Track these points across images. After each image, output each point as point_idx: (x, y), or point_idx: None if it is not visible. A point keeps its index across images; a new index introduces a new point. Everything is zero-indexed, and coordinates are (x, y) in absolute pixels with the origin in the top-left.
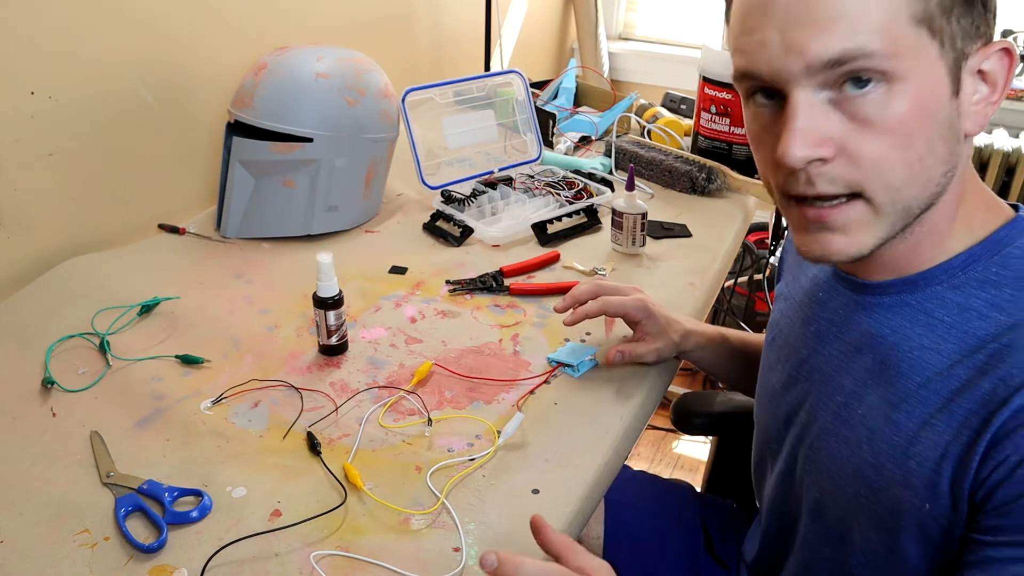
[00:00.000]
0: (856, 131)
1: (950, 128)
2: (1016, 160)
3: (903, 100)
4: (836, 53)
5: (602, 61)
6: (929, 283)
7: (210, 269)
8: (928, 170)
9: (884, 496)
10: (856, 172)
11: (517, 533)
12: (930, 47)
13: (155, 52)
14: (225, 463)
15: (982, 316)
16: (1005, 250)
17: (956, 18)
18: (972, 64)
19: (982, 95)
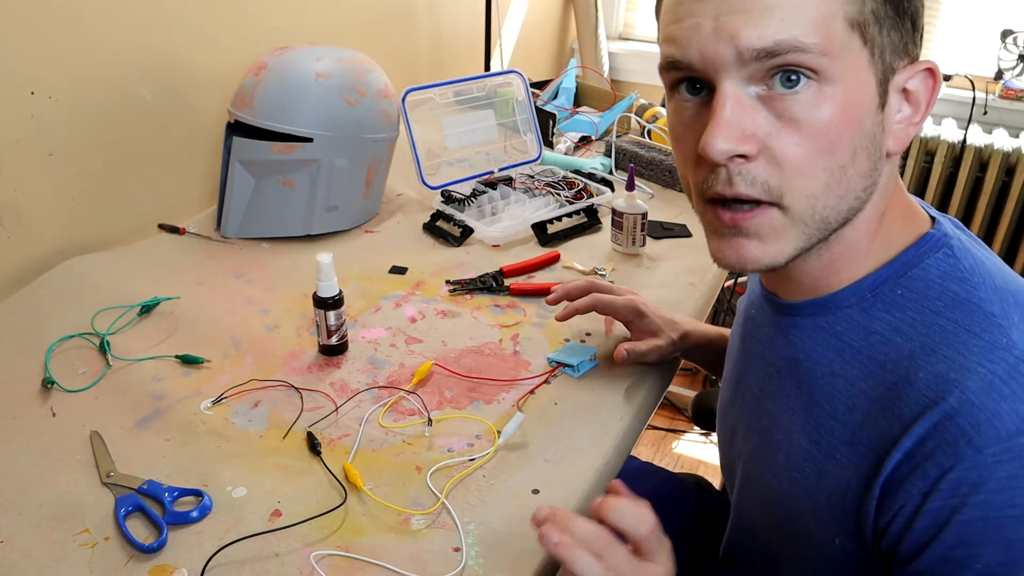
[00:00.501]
0: (781, 131)
1: (873, 141)
2: (1016, 160)
3: (832, 103)
4: (769, 43)
5: (602, 61)
6: (840, 305)
7: (210, 269)
8: (848, 181)
9: (800, 527)
10: (777, 175)
11: (517, 533)
12: (861, 54)
13: (155, 52)
14: (225, 463)
15: (885, 340)
16: (912, 271)
17: (887, 30)
18: (898, 81)
19: (904, 115)
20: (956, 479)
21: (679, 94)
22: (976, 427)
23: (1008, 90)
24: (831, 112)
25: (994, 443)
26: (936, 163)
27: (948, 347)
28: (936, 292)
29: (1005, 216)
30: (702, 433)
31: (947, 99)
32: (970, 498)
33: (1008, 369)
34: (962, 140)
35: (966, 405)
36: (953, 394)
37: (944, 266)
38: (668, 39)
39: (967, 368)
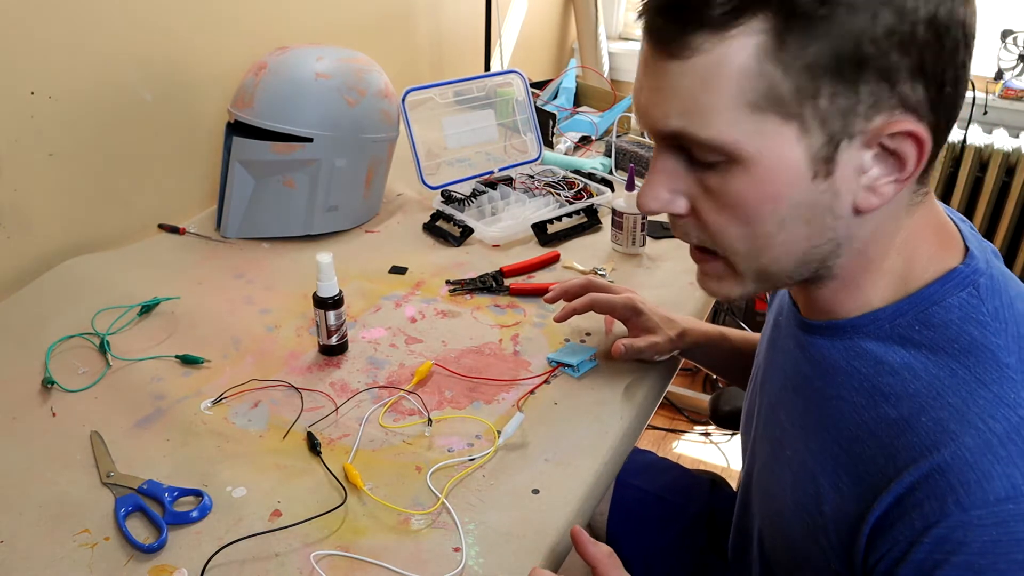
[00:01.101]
0: (703, 197)
1: (813, 208)
2: (1016, 160)
3: (742, 181)
4: (671, 130)
5: (602, 61)
6: (856, 331)
7: (210, 269)
8: (782, 245)
9: (801, 546)
10: (704, 234)
11: (517, 533)
12: (781, 131)
13: (155, 52)
14: (225, 463)
15: (894, 373)
16: (932, 308)
17: (826, 99)
18: (862, 141)
19: (876, 174)
20: (940, 535)
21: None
22: (965, 486)
23: (1008, 90)
24: (741, 190)
25: (981, 506)
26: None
27: (954, 394)
28: (954, 334)
29: (1005, 216)
30: (702, 433)
31: None
32: (952, 556)
33: (1008, 429)
34: (962, 140)
35: (959, 461)
36: (949, 447)
37: (966, 307)
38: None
39: (967, 421)
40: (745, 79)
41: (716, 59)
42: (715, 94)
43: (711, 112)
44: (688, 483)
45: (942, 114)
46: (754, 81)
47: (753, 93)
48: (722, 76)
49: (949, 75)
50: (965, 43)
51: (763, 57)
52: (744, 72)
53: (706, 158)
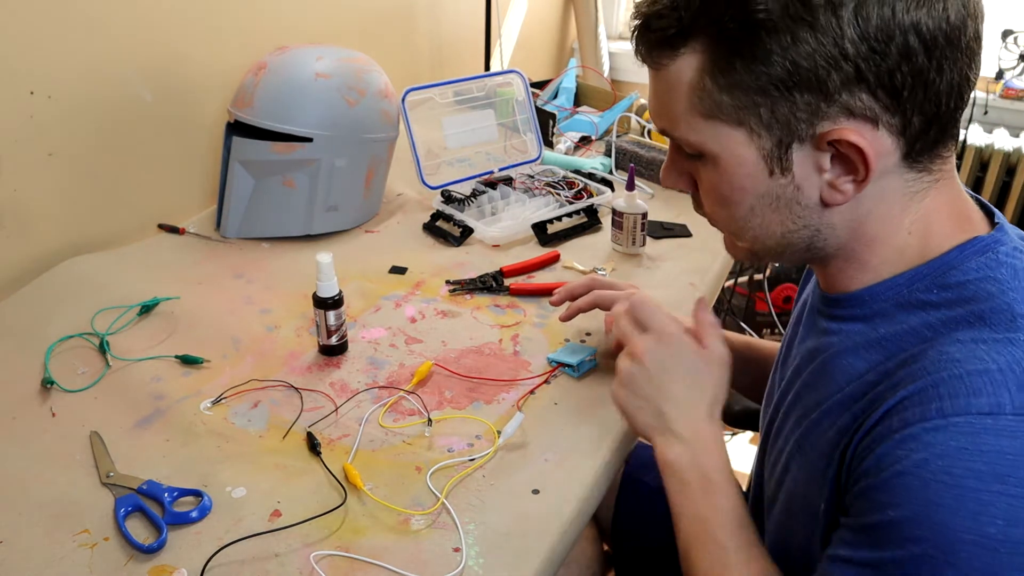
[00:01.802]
0: (698, 180)
1: (778, 199)
2: (1016, 160)
3: (712, 172)
4: (660, 128)
5: (602, 61)
6: (875, 299)
7: (210, 269)
8: (757, 228)
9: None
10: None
11: (517, 533)
12: (733, 134)
13: (155, 52)
14: (225, 463)
15: (912, 331)
16: (950, 272)
17: (767, 109)
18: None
19: (839, 173)
20: (912, 434)
21: None
22: (952, 397)
23: (1008, 90)
24: (713, 179)
25: (961, 414)
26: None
27: (964, 334)
28: (970, 292)
29: (1005, 216)
30: None
31: None
32: (914, 454)
33: (1011, 362)
34: (963, 140)
35: (953, 379)
36: (948, 369)
37: (984, 268)
38: None
39: (974, 355)
40: (693, 92)
41: (674, 73)
42: (676, 103)
43: (676, 117)
44: None
45: (913, 114)
46: (700, 93)
47: (702, 104)
48: (679, 88)
49: (902, 80)
50: (925, 46)
51: (704, 75)
52: (692, 86)
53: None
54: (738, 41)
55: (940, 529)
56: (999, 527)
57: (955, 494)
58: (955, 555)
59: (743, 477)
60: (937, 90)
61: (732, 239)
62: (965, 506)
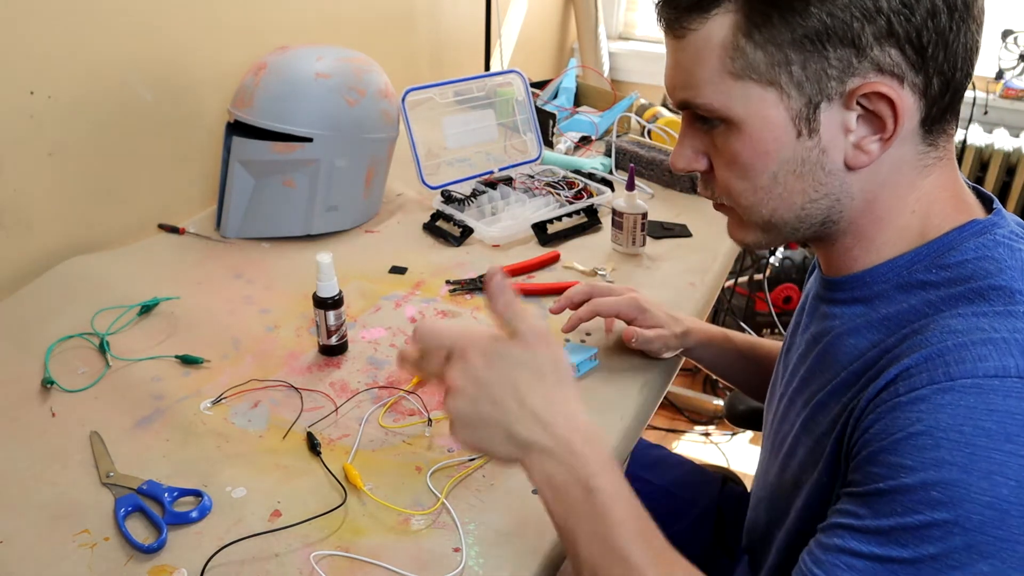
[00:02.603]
0: (715, 155)
1: (804, 164)
2: (1016, 160)
3: (736, 139)
4: (679, 100)
5: (602, 61)
6: (876, 280)
7: (210, 269)
8: (777, 198)
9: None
10: (718, 189)
11: (517, 533)
12: (764, 94)
13: (155, 52)
14: (225, 463)
15: (913, 310)
16: (948, 252)
17: (798, 66)
18: (844, 101)
19: (866, 133)
20: (920, 395)
21: None
22: (959, 362)
23: (1008, 90)
24: (736, 147)
25: (968, 376)
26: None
27: (965, 308)
28: (968, 271)
29: None
30: (702, 433)
31: None
32: (924, 415)
33: (1013, 330)
34: (963, 140)
35: (959, 347)
36: (952, 339)
37: (982, 248)
38: None
39: (976, 326)
40: (725, 52)
41: (703, 36)
42: (704, 66)
43: (703, 83)
44: (698, 479)
45: (933, 75)
46: (732, 54)
47: (733, 64)
48: (708, 50)
49: (928, 38)
50: (948, 8)
51: (737, 33)
52: (724, 46)
53: (709, 120)
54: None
55: (953, 490)
56: (1011, 488)
57: (967, 452)
58: (968, 518)
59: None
60: (955, 52)
61: (740, 220)
62: (978, 465)
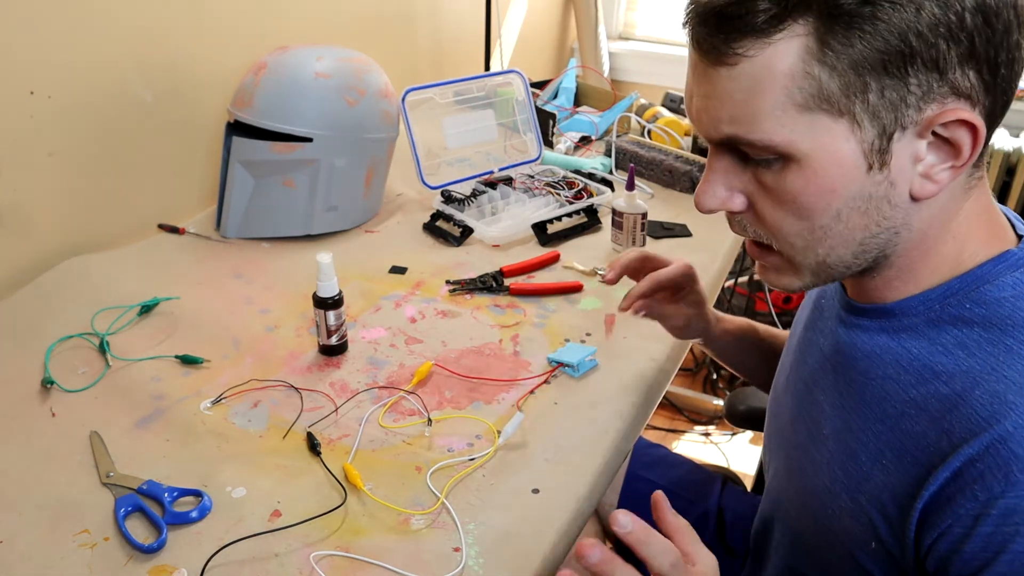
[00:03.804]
0: (759, 193)
1: (869, 200)
2: (1016, 160)
3: (796, 177)
4: (723, 136)
5: (602, 61)
6: (906, 313)
7: (210, 269)
8: (834, 237)
9: (836, 526)
10: (762, 229)
11: (517, 533)
12: (834, 126)
13: (155, 52)
14: (225, 463)
15: (947, 352)
16: (984, 287)
17: (876, 92)
18: (911, 132)
19: (932, 162)
20: (1008, 506)
21: None
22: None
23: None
24: (797, 186)
25: None
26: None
27: (1010, 367)
28: (1007, 310)
29: None
30: (702, 433)
31: None
32: (1022, 526)
33: None
34: None
35: (1020, 431)
36: (1009, 418)
37: (1020, 285)
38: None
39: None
40: (791, 81)
41: (762, 64)
42: (763, 98)
43: (760, 116)
44: (700, 479)
45: (998, 97)
46: (801, 82)
47: (801, 94)
48: (769, 80)
49: (1003, 57)
50: (1019, 23)
51: (808, 59)
52: (790, 75)
53: (760, 157)
54: (853, 16)
55: None
56: None
57: None
58: None
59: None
60: (1018, 69)
61: (786, 263)
62: None
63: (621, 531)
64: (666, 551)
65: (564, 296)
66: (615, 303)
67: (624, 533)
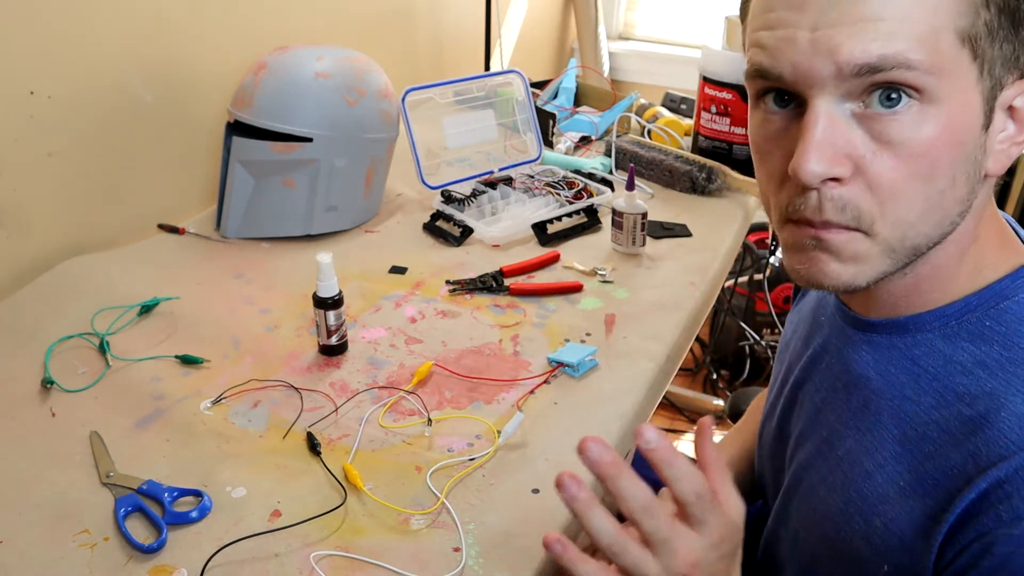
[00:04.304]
0: (878, 152)
1: (974, 164)
2: (1016, 160)
3: (934, 124)
4: (873, 58)
5: (602, 61)
6: (920, 328)
7: (210, 269)
8: (945, 207)
9: (848, 547)
10: (870, 200)
11: (517, 533)
12: (970, 70)
13: (155, 52)
14: (225, 463)
15: (966, 371)
16: (1003, 303)
17: (999, 42)
18: (1005, 97)
19: (1008, 133)
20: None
21: (765, 105)
22: None
23: None
24: (932, 134)
25: None
26: None
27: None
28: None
29: None
30: None
31: None
32: None
33: None
34: None
35: None
36: None
37: None
38: (757, 44)
39: None
40: (954, 4)
41: None
42: (928, 17)
43: (926, 37)
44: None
45: None
46: (962, 7)
47: (961, 19)
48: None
49: None
50: None
51: None
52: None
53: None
54: None
55: None
56: None
57: None
58: None
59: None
60: None
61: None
62: None
63: (645, 446)
64: (692, 477)
65: (564, 296)
66: (615, 303)
67: (648, 449)
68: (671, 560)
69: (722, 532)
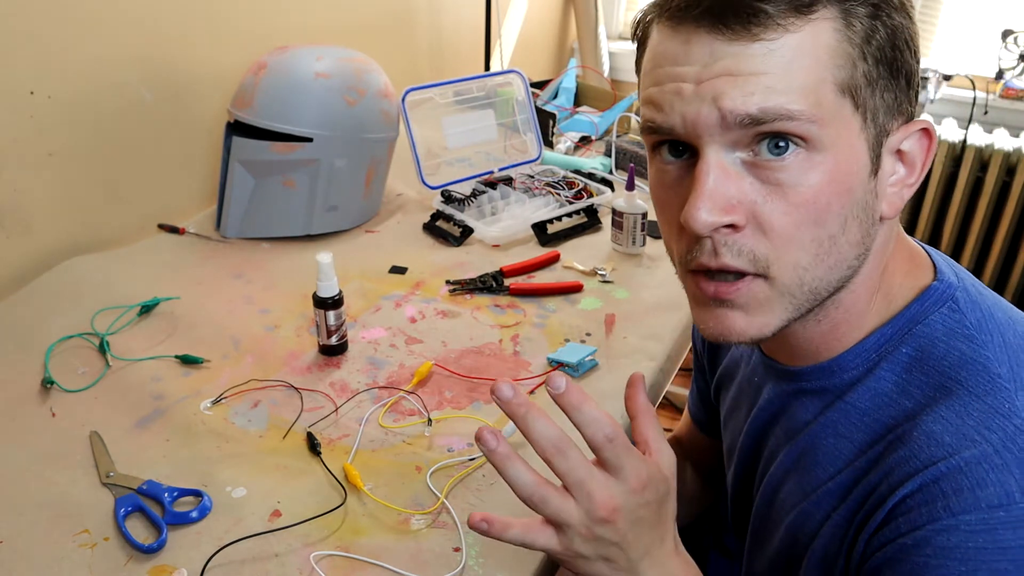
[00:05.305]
0: (768, 198)
1: (864, 209)
2: (1016, 160)
3: (821, 171)
4: (754, 110)
5: (602, 61)
6: (845, 368)
7: (210, 269)
8: (838, 251)
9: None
10: (764, 245)
11: None
12: (852, 119)
13: (155, 52)
14: (225, 463)
15: (892, 402)
16: (916, 328)
17: (880, 92)
18: (892, 143)
19: (899, 176)
20: (923, 537)
21: (660, 156)
22: (958, 493)
23: (1009, 90)
24: (819, 181)
25: (971, 511)
26: (937, 163)
27: (947, 408)
28: (942, 351)
29: (1005, 216)
30: None
31: (948, 99)
32: (932, 560)
33: (1004, 439)
34: (962, 140)
35: (954, 471)
36: (945, 459)
37: (949, 322)
38: (648, 101)
39: (963, 434)
40: (831, 58)
41: (808, 36)
42: (807, 71)
43: (803, 89)
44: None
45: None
46: (839, 60)
47: (839, 72)
48: (813, 54)
49: (915, 81)
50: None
51: (842, 39)
52: (831, 51)
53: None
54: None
55: None
56: None
57: None
58: None
59: None
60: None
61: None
62: None
63: (555, 391)
64: (599, 421)
65: (564, 296)
66: (615, 303)
67: (557, 394)
68: (589, 504)
69: (643, 479)
